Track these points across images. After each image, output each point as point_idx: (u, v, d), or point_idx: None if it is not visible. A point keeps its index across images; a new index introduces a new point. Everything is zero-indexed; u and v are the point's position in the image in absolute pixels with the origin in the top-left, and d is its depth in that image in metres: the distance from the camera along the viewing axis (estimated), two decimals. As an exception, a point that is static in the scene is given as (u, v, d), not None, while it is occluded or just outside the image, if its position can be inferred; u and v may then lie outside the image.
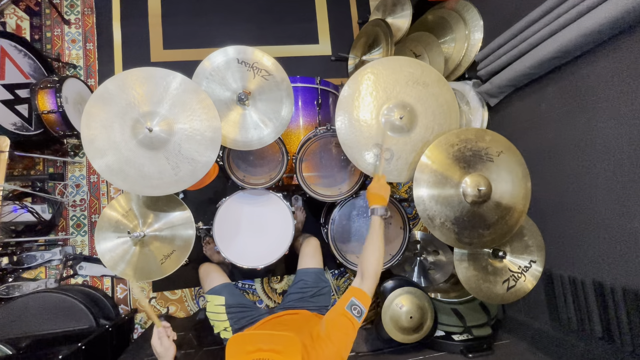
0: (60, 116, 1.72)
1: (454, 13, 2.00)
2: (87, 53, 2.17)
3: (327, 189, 1.61)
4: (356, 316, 1.02)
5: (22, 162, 1.99)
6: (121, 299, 1.95)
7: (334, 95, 1.91)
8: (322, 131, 1.51)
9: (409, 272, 1.98)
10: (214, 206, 1.54)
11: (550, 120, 1.52)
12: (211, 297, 1.42)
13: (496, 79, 1.71)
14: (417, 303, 1.54)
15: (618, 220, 1.25)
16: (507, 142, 1.29)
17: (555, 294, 1.51)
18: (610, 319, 1.27)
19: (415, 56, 2.12)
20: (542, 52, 1.42)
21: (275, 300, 2.08)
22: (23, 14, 2.13)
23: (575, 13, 1.28)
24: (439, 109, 1.35)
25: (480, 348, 1.55)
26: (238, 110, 1.34)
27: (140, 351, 1.55)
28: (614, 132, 1.25)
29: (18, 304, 1.53)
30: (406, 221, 1.64)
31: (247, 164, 1.62)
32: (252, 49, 1.31)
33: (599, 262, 1.32)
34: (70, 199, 2.01)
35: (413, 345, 1.58)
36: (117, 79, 1.14)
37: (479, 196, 1.21)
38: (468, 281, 1.35)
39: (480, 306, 1.74)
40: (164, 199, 1.42)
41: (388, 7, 2.21)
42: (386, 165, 1.32)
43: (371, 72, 1.32)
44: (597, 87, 1.31)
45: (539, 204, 1.53)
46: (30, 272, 1.88)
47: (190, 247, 1.38)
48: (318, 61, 2.43)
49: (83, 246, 1.99)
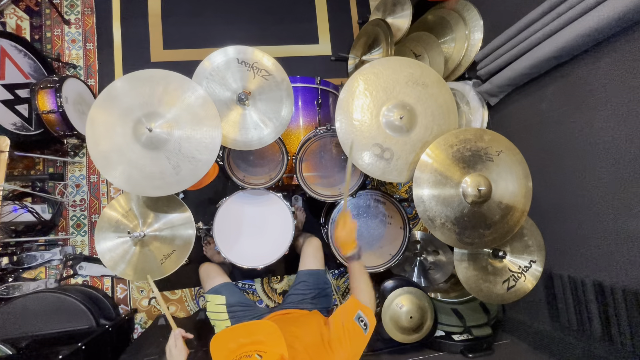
0: (60, 116, 1.72)
1: (454, 13, 2.00)
2: (87, 53, 2.17)
3: (327, 189, 1.61)
4: (363, 328, 1.01)
5: (22, 162, 1.99)
6: (121, 299, 1.95)
7: (334, 95, 1.91)
8: (322, 131, 1.51)
9: (409, 272, 1.98)
10: (214, 206, 1.54)
11: (551, 119, 1.52)
12: (212, 296, 1.42)
13: (496, 79, 1.71)
14: (417, 303, 1.54)
15: (618, 220, 1.25)
16: (507, 141, 1.29)
17: (555, 294, 1.51)
18: (610, 319, 1.27)
19: (415, 56, 2.12)
20: (541, 51, 1.42)
21: (275, 300, 2.08)
22: (23, 14, 2.12)
23: (574, 13, 1.28)
24: (438, 110, 1.35)
25: (480, 348, 1.55)
26: (238, 110, 1.34)
27: (140, 351, 1.55)
28: (614, 132, 1.25)
29: (18, 304, 1.52)
30: (406, 221, 1.64)
31: (247, 164, 1.62)
32: (252, 49, 1.31)
33: (599, 262, 1.32)
34: (70, 199, 2.01)
35: (413, 345, 1.58)
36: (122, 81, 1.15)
37: (479, 196, 1.21)
38: (468, 281, 1.35)
39: (480, 306, 1.74)
40: (164, 199, 1.42)
41: (388, 7, 2.21)
42: (386, 165, 1.32)
43: (371, 72, 1.32)
44: (597, 87, 1.31)
45: (539, 204, 1.53)
46: (30, 272, 1.88)
47: (190, 247, 1.38)
48: (318, 61, 2.43)
49: (83, 246, 1.99)
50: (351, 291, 1.14)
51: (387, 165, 1.32)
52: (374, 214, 1.69)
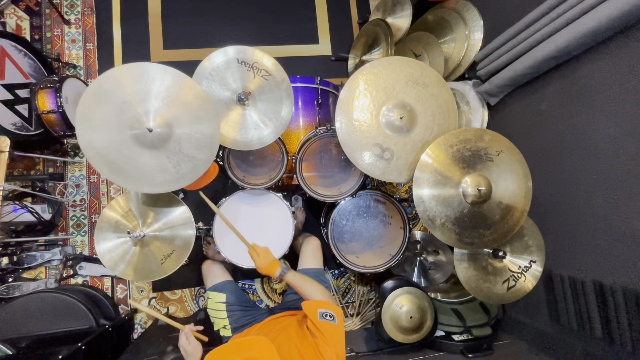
0: (60, 116, 1.72)
1: (454, 13, 2.00)
2: (87, 53, 2.17)
3: (327, 189, 1.61)
4: (330, 320, 1.00)
5: (22, 162, 1.99)
6: (121, 299, 1.95)
7: (334, 95, 1.91)
8: (322, 131, 1.51)
9: (409, 272, 1.98)
10: (214, 206, 1.54)
11: (551, 119, 1.52)
12: (212, 294, 1.43)
13: (495, 79, 1.71)
14: (417, 303, 1.54)
15: (618, 220, 1.25)
16: (507, 141, 1.29)
17: (555, 294, 1.51)
18: (610, 319, 1.27)
19: (415, 56, 2.12)
20: (541, 51, 1.42)
21: (275, 300, 2.08)
22: (23, 14, 2.12)
23: (574, 13, 1.28)
24: (438, 110, 1.35)
25: (480, 348, 1.55)
26: (238, 110, 1.34)
27: (140, 351, 1.55)
28: (614, 132, 1.25)
29: (18, 304, 1.52)
30: (406, 221, 1.64)
31: (247, 164, 1.62)
32: (252, 49, 1.31)
33: (599, 262, 1.32)
34: (70, 199, 2.01)
35: (413, 345, 1.58)
36: (109, 75, 1.14)
37: (479, 196, 1.21)
38: (468, 281, 1.35)
39: (480, 306, 1.74)
40: (163, 199, 1.42)
41: (388, 7, 2.21)
42: (386, 165, 1.32)
43: (371, 72, 1.32)
44: (597, 86, 1.31)
45: (539, 204, 1.53)
46: (30, 272, 1.88)
47: (190, 247, 1.38)
48: (318, 61, 2.43)
49: (83, 246, 1.99)
50: (303, 298, 1.13)
51: (387, 165, 1.32)
52: (374, 214, 1.69)
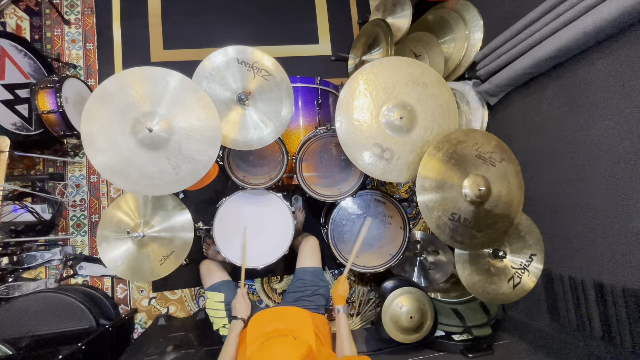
0: (60, 116, 1.72)
1: (454, 13, 2.00)
2: (87, 53, 2.17)
3: (327, 189, 1.61)
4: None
5: (22, 162, 1.99)
6: (121, 299, 1.95)
7: (334, 95, 1.91)
8: (322, 131, 1.51)
9: (409, 272, 1.98)
10: (214, 206, 1.54)
11: (551, 119, 1.52)
12: (211, 293, 1.43)
13: (495, 79, 1.71)
14: (417, 303, 1.54)
15: (618, 220, 1.25)
16: (499, 140, 1.29)
17: (556, 294, 1.51)
18: (610, 319, 1.27)
19: (415, 56, 2.12)
20: (541, 51, 1.42)
21: (275, 300, 2.08)
22: (23, 14, 2.12)
23: (574, 13, 1.28)
24: (438, 110, 1.35)
25: (480, 348, 1.55)
26: (238, 110, 1.34)
27: (140, 351, 1.55)
28: (614, 131, 1.25)
29: (18, 304, 1.53)
30: (406, 221, 1.64)
31: (247, 164, 1.62)
32: (252, 49, 1.31)
33: (599, 262, 1.32)
34: (70, 199, 2.01)
35: (413, 345, 1.58)
36: (116, 78, 1.14)
37: (479, 196, 1.21)
38: (474, 287, 1.34)
39: (480, 306, 1.74)
40: (163, 200, 1.42)
41: (388, 7, 2.21)
42: (386, 165, 1.32)
43: (371, 72, 1.32)
44: (597, 86, 1.31)
45: (538, 204, 1.53)
46: (30, 272, 1.88)
47: (188, 248, 1.38)
48: (318, 61, 2.43)
49: (83, 246, 1.99)
50: (337, 341, 1.20)
51: (387, 165, 1.32)
52: (374, 214, 1.69)
